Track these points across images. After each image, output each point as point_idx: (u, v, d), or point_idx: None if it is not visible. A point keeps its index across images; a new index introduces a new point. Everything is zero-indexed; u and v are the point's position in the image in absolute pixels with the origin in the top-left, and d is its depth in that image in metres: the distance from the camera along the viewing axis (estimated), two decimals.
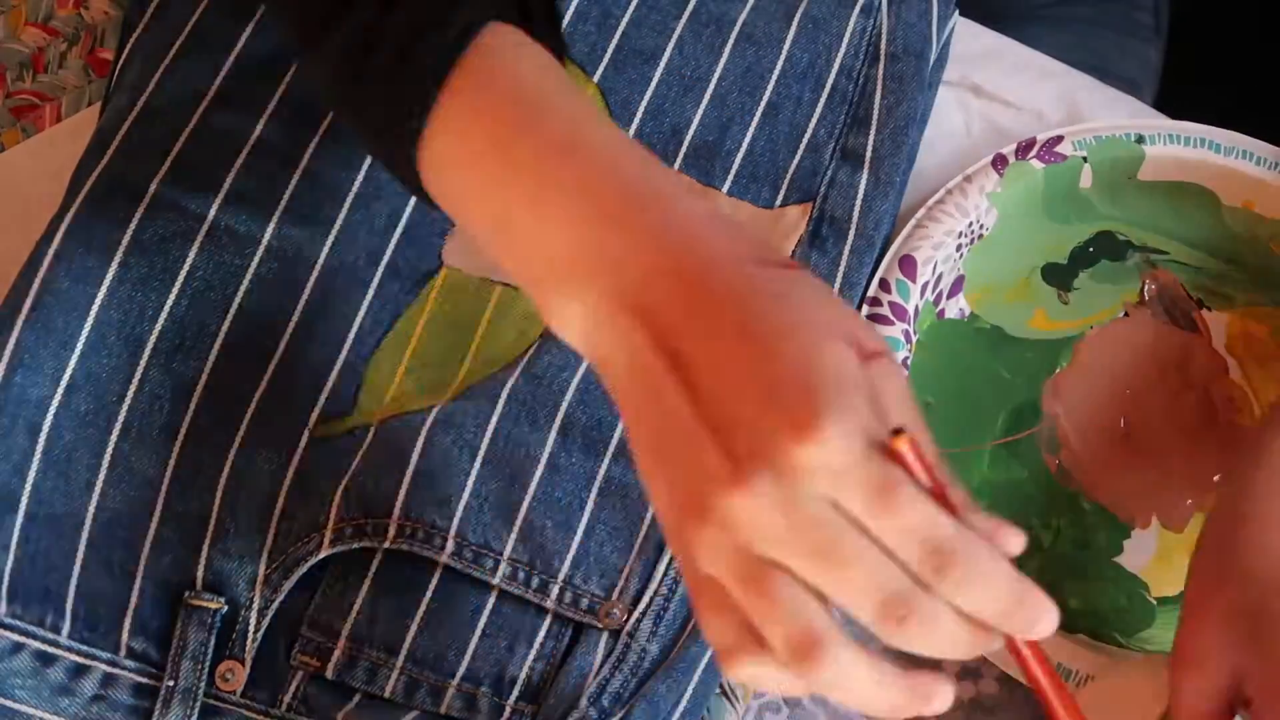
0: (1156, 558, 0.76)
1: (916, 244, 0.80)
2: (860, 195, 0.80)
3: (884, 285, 0.79)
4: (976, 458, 0.78)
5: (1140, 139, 0.81)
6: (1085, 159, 0.81)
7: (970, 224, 0.80)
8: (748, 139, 0.82)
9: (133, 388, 0.75)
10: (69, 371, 0.75)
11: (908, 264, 0.79)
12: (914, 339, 0.79)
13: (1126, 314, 0.81)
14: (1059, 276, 0.81)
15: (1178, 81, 1.03)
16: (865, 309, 0.79)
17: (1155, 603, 0.76)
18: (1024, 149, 0.82)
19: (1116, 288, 0.81)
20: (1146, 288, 0.81)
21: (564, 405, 0.76)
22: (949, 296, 0.81)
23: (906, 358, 0.78)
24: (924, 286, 0.79)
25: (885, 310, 0.79)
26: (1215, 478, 0.78)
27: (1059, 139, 0.82)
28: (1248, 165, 0.81)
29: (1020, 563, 0.74)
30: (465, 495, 0.74)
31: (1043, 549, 0.76)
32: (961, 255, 0.81)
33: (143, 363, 0.76)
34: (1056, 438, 0.78)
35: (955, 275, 0.81)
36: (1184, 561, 0.76)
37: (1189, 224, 0.82)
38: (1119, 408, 0.79)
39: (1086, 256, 0.82)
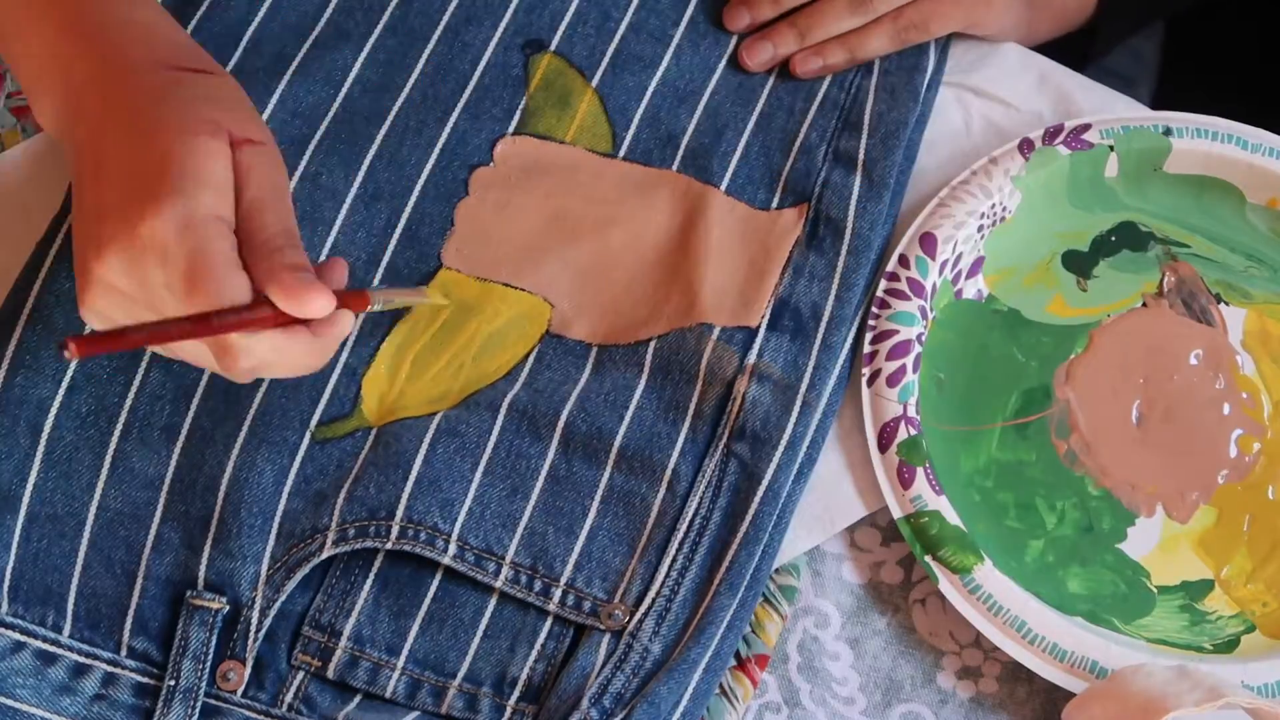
0: (1159, 547, 0.76)
1: (938, 222, 0.80)
2: (854, 197, 0.81)
3: (903, 261, 0.80)
4: (986, 437, 0.78)
5: (1168, 131, 0.82)
6: (1112, 148, 0.81)
7: (993, 205, 0.81)
8: (742, 144, 0.83)
9: (134, 389, 0.76)
10: (70, 372, 0.76)
11: (928, 241, 0.80)
12: (931, 316, 0.79)
13: (1144, 304, 0.81)
14: (1079, 263, 0.82)
15: (1175, 77, 1.02)
16: (884, 283, 0.79)
17: (1155, 591, 0.76)
18: (1051, 135, 0.82)
19: (1136, 277, 0.81)
20: (1166, 279, 0.81)
21: (564, 415, 0.76)
22: (968, 277, 0.81)
23: (922, 334, 0.78)
24: (943, 265, 0.80)
25: (903, 285, 0.79)
26: (1222, 474, 0.78)
27: (1086, 126, 0.82)
28: (1274, 163, 0.81)
29: (1023, 543, 0.76)
30: (468, 501, 0.74)
31: (1046, 531, 0.76)
32: (983, 236, 0.81)
33: (143, 364, 0.76)
34: (1067, 422, 0.78)
35: (975, 256, 0.81)
36: (1187, 552, 0.76)
37: (1212, 219, 0.82)
38: (1131, 396, 0.79)
39: (1108, 245, 0.82)
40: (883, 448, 0.76)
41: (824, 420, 0.78)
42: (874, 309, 0.79)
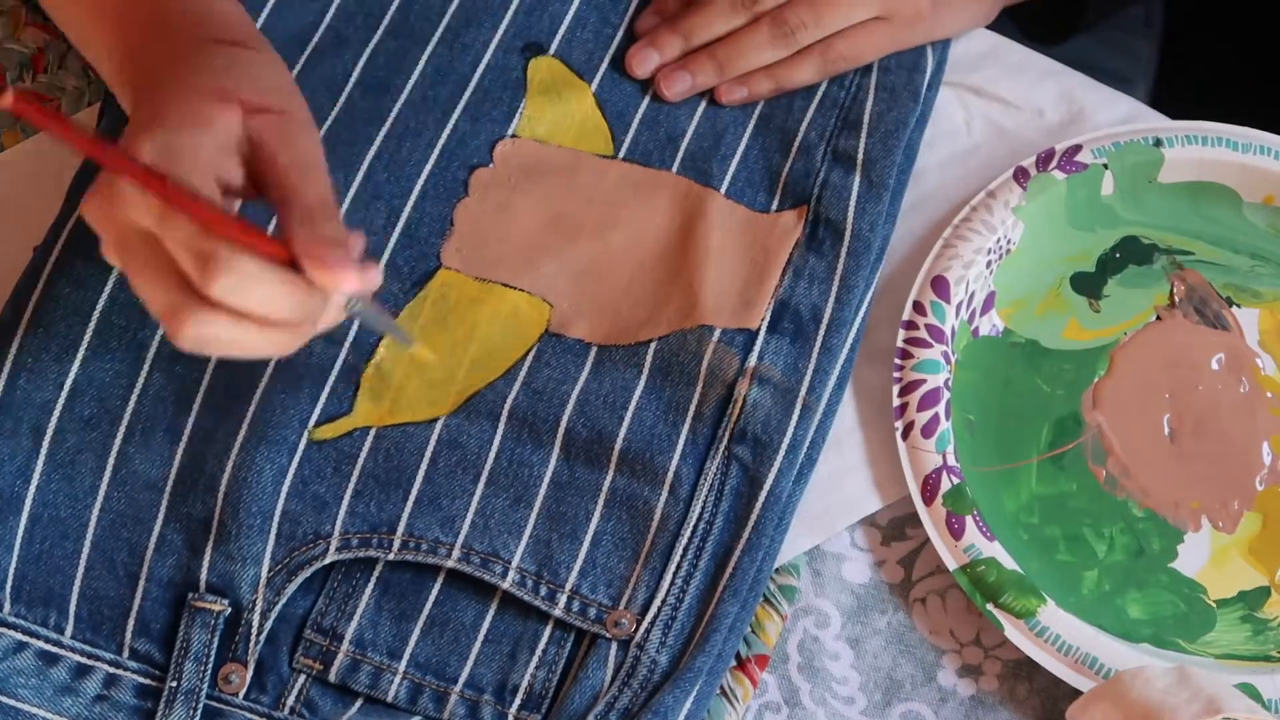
0: (1211, 560, 0.76)
1: (947, 264, 0.80)
2: (853, 198, 0.81)
3: (918, 308, 0.79)
4: (1024, 473, 0.78)
5: (1158, 142, 0.82)
6: (1106, 166, 0.81)
7: (998, 240, 0.80)
8: (741, 146, 0.83)
9: (136, 391, 0.76)
10: (71, 376, 0.76)
11: (940, 285, 0.79)
12: (953, 360, 0.79)
13: (1159, 317, 0.81)
14: (1088, 285, 0.81)
15: (1174, 76, 1.03)
16: (902, 333, 0.79)
17: (1214, 605, 0.76)
18: (1044, 160, 0.82)
19: (1146, 291, 0.81)
20: (1176, 289, 0.81)
21: (564, 420, 0.76)
22: (982, 314, 0.81)
23: (948, 379, 0.78)
24: (958, 306, 0.79)
25: (922, 333, 0.78)
26: (1259, 478, 0.78)
27: (1078, 148, 0.82)
28: (1266, 160, 0.81)
29: (1077, 575, 0.75)
30: (470, 515, 0.75)
31: (1099, 560, 0.76)
32: (991, 271, 0.81)
33: (145, 367, 0.77)
34: (1101, 447, 0.78)
35: (986, 292, 0.81)
36: (1238, 561, 0.76)
37: (1212, 223, 0.82)
38: (1160, 412, 0.79)
39: (1114, 263, 0.82)
40: (928, 500, 0.76)
41: (823, 423, 0.78)
42: (896, 360, 0.78)
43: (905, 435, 0.77)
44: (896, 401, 0.78)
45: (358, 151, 0.81)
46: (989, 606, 0.74)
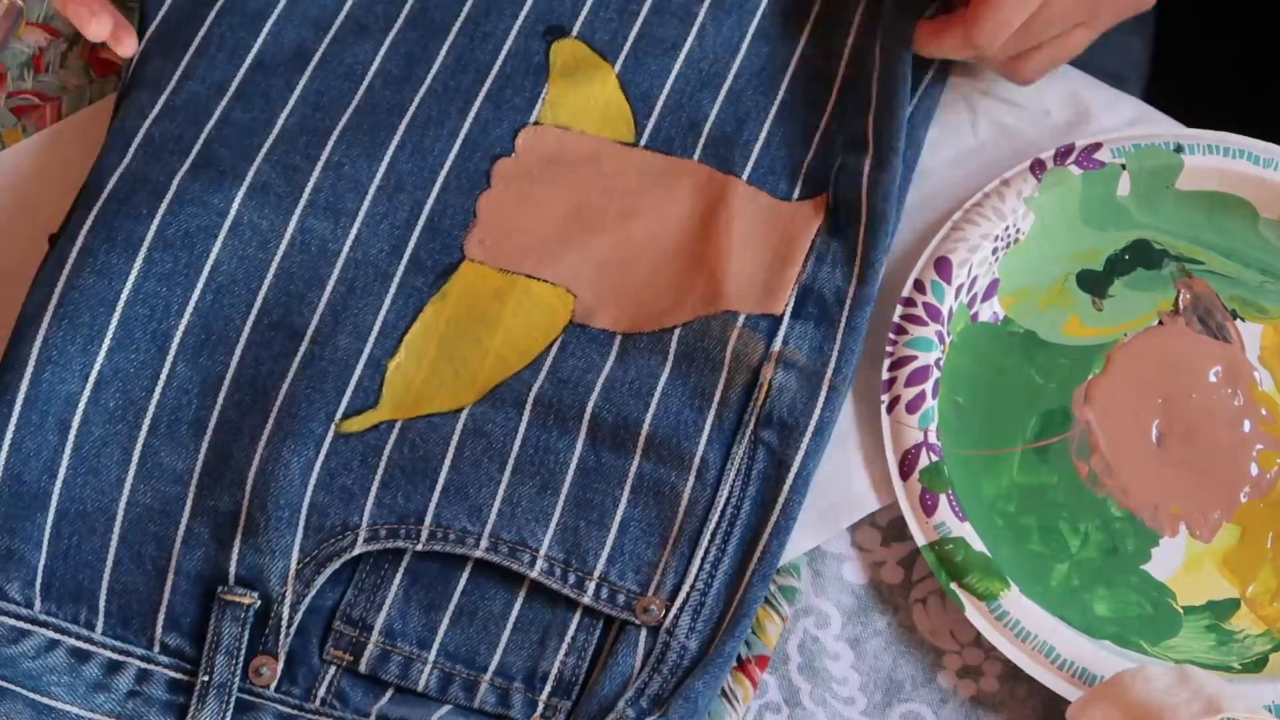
0: (1184, 567, 0.76)
1: (952, 246, 0.80)
2: (865, 171, 0.80)
3: (919, 286, 0.79)
4: (1006, 461, 0.78)
5: (1179, 148, 0.81)
6: (1124, 166, 0.81)
7: (1006, 228, 0.80)
8: (764, 134, 0.83)
9: (160, 383, 0.76)
10: (97, 367, 0.75)
11: (943, 266, 0.79)
12: (948, 341, 0.79)
13: (1160, 322, 0.80)
14: (1094, 283, 0.81)
15: (1167, 75, 1.02)
16: (900, 309, 0.79)
17: (1181, 611, 0.75)
18: (1062, 155, 0.82)
19: (1151, 295, 0.81)
20: (1182, 297, 0.81)
21: (590, 406, 0.76)
22: (983, 300, 0.81)
23: (940, 359, 0.78)
24: (959, 289, 0.79)
25: (919, 311, 0.79)
26: (1243, 491, 0.78)
27: (1097, 146, 0.82)
28: None
29: (1047, 567, 0.75)
30: (497, 503, 0.75)
31: (1071, 554, 0.76)
32: (997, 259, 0.81)
33: (169, 358, 0.76)
34: (1087, 443, 0.78)
35: (990, 279, 0.81)
36: (1211, 571, 0.76)
37: (1226, 235, 0.82)
38: (1151, 415, 0.78)
39: (1122, 264, 0.82)
40: (904, 475, 0.76)
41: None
42: (890, 335, 0.79)
43: (890, 409, 0.77)
44: (885, 375, 0.78)
45: (380, 142, 0.81)
46: (952, 585, 0.74)
